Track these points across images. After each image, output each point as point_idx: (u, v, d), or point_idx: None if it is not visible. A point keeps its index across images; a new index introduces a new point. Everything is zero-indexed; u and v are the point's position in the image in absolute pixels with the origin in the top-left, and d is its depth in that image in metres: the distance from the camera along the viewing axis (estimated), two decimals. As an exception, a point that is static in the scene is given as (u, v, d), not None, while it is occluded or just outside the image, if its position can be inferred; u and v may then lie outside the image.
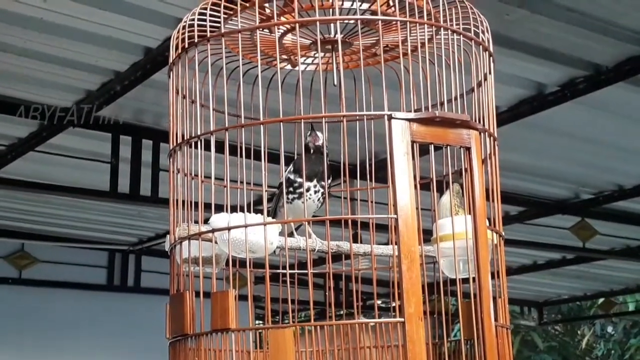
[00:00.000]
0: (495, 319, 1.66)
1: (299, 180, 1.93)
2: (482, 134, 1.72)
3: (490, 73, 1.82)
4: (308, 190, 1.93)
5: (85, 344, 7.90)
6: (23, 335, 7.73)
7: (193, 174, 1.79)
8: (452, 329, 2.14)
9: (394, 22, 1.84)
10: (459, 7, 1.78)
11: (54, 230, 7.72)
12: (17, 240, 7.91)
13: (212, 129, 1.71)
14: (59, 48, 3.98)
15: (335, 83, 1.92)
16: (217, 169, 1.69)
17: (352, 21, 1.83)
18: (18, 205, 6.81)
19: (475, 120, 1.74)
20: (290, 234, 1.91)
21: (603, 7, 3.62)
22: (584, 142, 5.27)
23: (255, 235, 1.67)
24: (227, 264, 1.88)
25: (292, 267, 2.08)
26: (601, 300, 11.84)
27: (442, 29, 1.77)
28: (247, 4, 1.77)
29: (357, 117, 1.72)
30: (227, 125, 1.69)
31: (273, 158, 1.77)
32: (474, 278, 1.65)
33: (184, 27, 1.81)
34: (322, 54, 2.00)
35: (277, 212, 2.03)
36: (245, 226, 1.66)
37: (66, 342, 7.83)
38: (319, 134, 1.95)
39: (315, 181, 1.94)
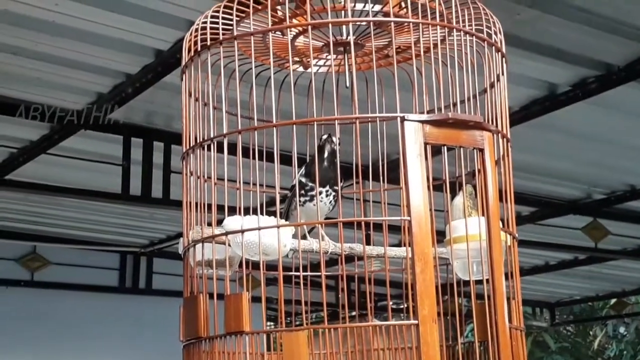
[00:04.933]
0: (509, 321, 1.66)
1: (310, 184, 1.93)
2: (495, 135, 1.71)
3: (502, 74, 1.82)
4: (320, 193, 1.92)
5: (97, 346, 7.92)
6: (35, 337, 7.75)
7: (206, 177, 1.79)
8: (465, 330, 2.14)
9: (406, 24, 1.84)
10: (471, 8, 1.78)
11: (65, 232, 7.75)
12: (29, 242, 7.94)
13: (225, 132, 1.71)
14: (70, 51, 3.99)
15: (348, 85, 1.92)
16: (229, 171, 1.69)
17: (364, 23, 1.82)
18: (30, 207, 6.83)
19: (488, 122, 1.73)
20: (304, 237, 1.90)
21: (614, 6, 3.60)
22: (596, 142, 5.25)
23: (269, 238, 1.67)
24: (240, 266, 1.88)
25: (304, 268, 2.08)
26: (613, 300, 11.81)
27: (454, 30, 1.77)
28: (260, 7, 1.77)
29: (370, 119, 1.71)
30: (239, 128, 1.70)
31: (285, 160, 1.77)
32: (487, 279, 1.64)
33: (196, 30, 1.81)
34: (335, 56, 2.00)
35: (290, 215, 2.02)
36: (259, 229, 1.66)
37: (78, 344, 7.85)
38: (334, 139, 1.94)
39: (327, 186, 1.93)
